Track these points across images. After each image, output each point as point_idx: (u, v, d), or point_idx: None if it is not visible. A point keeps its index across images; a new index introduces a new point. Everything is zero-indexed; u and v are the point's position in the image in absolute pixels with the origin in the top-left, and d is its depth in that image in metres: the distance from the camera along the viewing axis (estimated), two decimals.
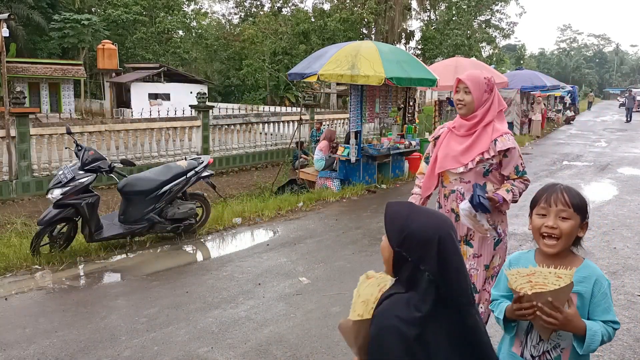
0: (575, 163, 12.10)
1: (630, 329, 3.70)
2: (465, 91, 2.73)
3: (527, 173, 2.84)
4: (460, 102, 2.76)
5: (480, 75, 2.75)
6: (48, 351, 3.37)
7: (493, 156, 2.74)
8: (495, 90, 2.79)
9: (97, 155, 5.36)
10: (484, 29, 31.82)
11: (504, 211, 2.86)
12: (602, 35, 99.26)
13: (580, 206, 1.68)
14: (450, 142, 2.85)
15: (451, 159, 2.80)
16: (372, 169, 9.02)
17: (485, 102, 2.74)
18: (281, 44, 27.37)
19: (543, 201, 1.73)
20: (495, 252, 2.85)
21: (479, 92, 2.72)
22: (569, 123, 25.17)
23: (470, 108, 2.74)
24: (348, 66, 7.83)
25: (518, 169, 2.78)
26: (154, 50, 31.71)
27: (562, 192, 1.70)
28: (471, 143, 2.76)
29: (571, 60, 79.87)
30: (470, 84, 2.71)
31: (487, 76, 2.77)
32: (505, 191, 2.74)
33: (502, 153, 2.74)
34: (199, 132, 11.26)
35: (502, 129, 2.75)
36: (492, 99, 2.76)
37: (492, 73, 12.82)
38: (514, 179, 2.79)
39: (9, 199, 8.36)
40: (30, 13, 27.74)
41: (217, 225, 6.29)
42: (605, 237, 5.99)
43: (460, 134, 2.81)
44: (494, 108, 2.75)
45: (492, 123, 2.75)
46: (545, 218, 1.70)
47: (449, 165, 2.82)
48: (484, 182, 2.78)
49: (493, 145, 2.71)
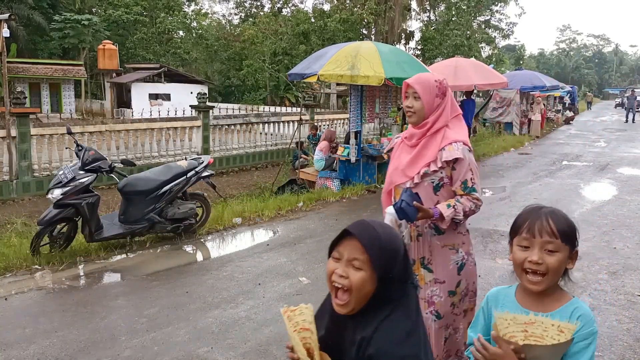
0: (574, 163, 12.10)
1: (630, 329, 3.70)
2: (415, 96, 2.44)
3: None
4: (409, 109, 2.46)
5: (431, 78, 2.47)
6: (48, 351, 3.37)
7: (441, 168, 2.39)
8: (449, 94, 2.50)
9: (97, 155, 5.37)
10: (483, 29, 31.83)
11: (464, 231, 2.54)
12: (601, 35, 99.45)
13: (569, 235, 1.44)
14: (401, 154, 2.56)
15: (399, 172, 2.52)
16: (372, 169, 9.02)
17: (437, 107, 2.44)
18: (281, 45, 27.38)
19: (525, 230, 1.45)
20: (460, 276, 2.53)
21: (430, 97, 2.42)
22: (568, 123, 25.17)
23: (420, 115, 2.44)
24: (348, 66, 7.83)
25: (466, 185, 2.39)
26: (155, 51, 31.73)
27: (548, 219, 1.43)
28: (417, 153, 2.46)
29: (570, 60, 79.92)
30: (420, 89, 2.42)
31: (438, 79, 2.49)
32: (446, 206, 2.37)
33: (450, 164, 2.39)
34: (199, 132, 11.26)
35: (453, 136, 2.41)
36: (444, 104, 2.46)
37: (492, 73, 12.83)
38: (461, 195, 2.42)
39: (9, 198, 8.37)
40: (30, 13, 27.76)
41: (217, 225, 6.29)
42: (605, 237, 5.99)
43: (411, 144, 2.51)
44: (446, 114, 2.45)
45: (442, 130, 2.43)
46: (529, 251, 1.44)
47: (397, 179, 2.54)
48: (437, 200, 2.43)
49: (440, 155, 2.39)
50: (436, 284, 2.51)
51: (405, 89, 2.50)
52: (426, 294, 2.52)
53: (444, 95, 2.46)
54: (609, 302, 4.17)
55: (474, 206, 2.42)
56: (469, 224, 2.28)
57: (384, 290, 1.27)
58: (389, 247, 1.27)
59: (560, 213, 1.48)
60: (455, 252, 2.50)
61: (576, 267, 5.19)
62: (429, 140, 2.44)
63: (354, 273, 1.25)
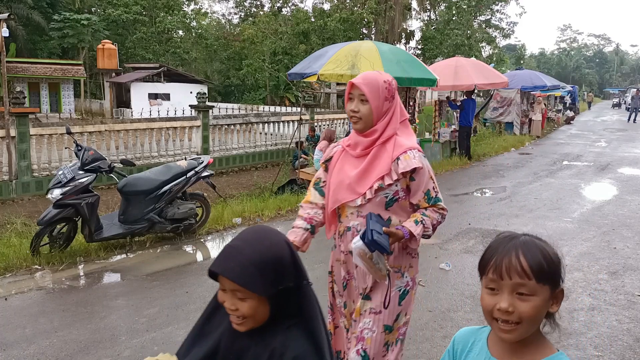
0: (575, 163, 12.10)
1: (630, 329, 3.69)
2: (362, 99, 2.10)
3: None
4: (354, 114, 2.11)
5: (379, 79, 2.12)
6: (48, 351, 3.37)
7: (396, 180, 2.10)
8: (397, 97, 2.19)
9: (97, 155, 5.36)
10: (484, 28, 31.80)
11: (414, 252, 2.24)
12: (602, 35, 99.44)
13: (547, 272, 1.15)
14: (345, 166, 2.18)
15: (346, 188, 2.15)
16: None
17: (386, 112, 2.12)
18: (281, 44, 27.36)
19: (492, 270, 1.16)
20: (401, 307, 2.17)
21: (378, 101, 2.09)
22: (569, 123, 25.17)
23: (368, 121, 2.10)
24: (348, 66, 7.83)
25: (429, 195, 2.14)
26: (154, 50, 31.70)
27: (519, 254, 1.14)
28: (367, 165, 2.12)
29: (571, 60, 79.89)
30: (368, 90, 2.08)
31: (387, 79, 2.14)
32: (414, 222, 2.09)
33: (407, 175, 2.10)
34: (199, 132, 11.25)
35: (406, 143, 2.12)
36: (393, 107, 2.14)
37: (492, 73, 12.82)
38: (425, 207, 2.15)
39: (9, 199, 8.36)
40: (30, 13, 27.74)
41: (217, 225, 6.28)
42: (606, 237, 5.99)
43: (356, 154, 2.16)
44: (395, 119, 2.14)
45: (393, 138, 2.13)
46: (497, 296, 1.15)
47: (344, 197, 2.16)
48: (387, 217, 2.13)
49: (395, 165, 2.09)
50: (371, 315, 2.14)
51: (350, 90, 2.14)
52: (357, 328, 2.17)
53: (393, 97, 2.15)
54: (609, 302, 4.17)
55: (441, 217, 2.19)
56: (469, 224, 2.19)
57: (282, 300, 1.18)
58: (268, 262, 1.15)
59: (536, 244, 1.18)
60: (400, 277, 2.17)
61: (576, 267, 5.19)
62: (379, 150, 2.12)
63: (242, 304, 1.16)
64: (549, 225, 6.50)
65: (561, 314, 1.26)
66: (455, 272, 4.78)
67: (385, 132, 2.12)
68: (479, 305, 4.02)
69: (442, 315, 3.89)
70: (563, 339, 3.52)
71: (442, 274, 4.76)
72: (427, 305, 4.04)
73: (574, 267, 4.94)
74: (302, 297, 1.21)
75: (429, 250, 5.45)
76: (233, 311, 1.18)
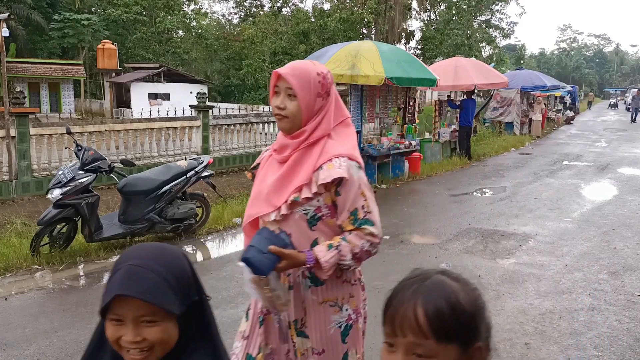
0: (575, 163, 12.09)
1: (630, 329, 3.69)
2: (289, 94, 1.71)
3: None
4: (280, 111, 1.73)
5: (311, 70, 1.74)
6: (48, 351, 3.37)
7: (317, 194, 1.69)
8: (334, 93, 1.81)
9: (97, 155, 5.36)
10: (484, 28, 31.81)
11: (354, 279, 1.80)
12: (602, 35, 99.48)
13: (453, 328, 0.87)
14: (267, 174, 1.83)
15: (263, 199, 1.78)
16: (372, 169, 9.01)
17: (318, 111, 1.74)
18: (281, 44, 27.38)
19: (388, 322, 0.94)
20: (346, 345, 1.80)
21: (309, 97, 1.71)
22: (569, 123, 25.18)
23: (296, 120, 1.72)
24: (348, 66, 7.83)
25: (356, 215, 1.69)
26: (154, 50, 31.70)
27: (417, 304, 0.88)
28: (286, 172, 1.74)
29: (571, 60, 79.90)
30: (297, 84, 1.70)
31: (321, 71, 1.76)
32: (326, 247, 1.67)
33: (331, 188, 1.68)
34: (199, 132, 11.25)
35: (334, 149, 1.71)
36: (328, 105, 1.76)
37: (492, 73, 12.82)
38: (349, 230, 1.70)
39: (9, 199, 8.36)
40: (30, 13, 27.74)
41: (217, 225, 6.28)
42: (606, 237, 5.99)
43: (280, 159, 1.79)
44: (328, 119, 1.76)
45: (322, 140, 1.74)
46: (394, 354, 0.92)
47: (258, 209, 1.80)
48: (315, 238, 1.72)
49: (316, 175, 1.69)
50: (313, 356, 1.79)
51: (275, 82, 1.75)
52: None
53: (327, 94, 1.77)
54: (609, 302, 4.16)
55: (369, 245, 1.69)
56: (469, 224, 1.93)
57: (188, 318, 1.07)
58: (177, 276, 1.05)
59: (445, 289, 0.89)
60: (338, 310, 1.77)
61: (576, 267, 5.19)
62: (302, 155, 1.73)
63: (150, 330, 1.01)
64: (549, 225, 6.50)
65: (562, 314, 1.11)
66: None
67: (314, 134, 1.74)
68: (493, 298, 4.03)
69: None
70: (563, 339, 3.53)
71: None
72: None
73: (574, 267, 4.94)
74: (205, 313, 1.12)
75: (429, 250, 5.46)
76: (137, 343, 1.00)
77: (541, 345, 3.45)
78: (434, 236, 5.95)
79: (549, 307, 4.02)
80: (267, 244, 1.64)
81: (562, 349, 3.40)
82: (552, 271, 4.84)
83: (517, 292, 4.32)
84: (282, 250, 1.64)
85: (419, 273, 0.95)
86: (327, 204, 1.72)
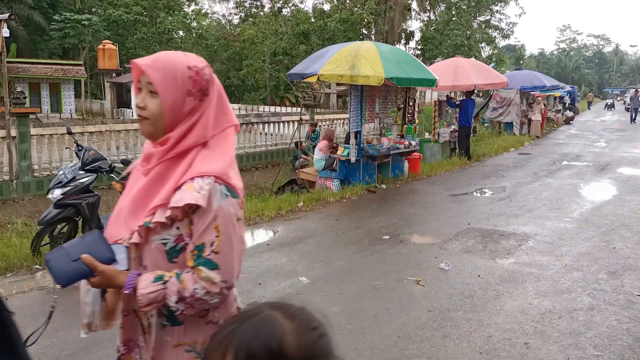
0: (574, 163, 12.11)
1: (630, 329, 3.70)
2: (150, 90, 1.39)
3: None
4: (140, 110, 1.43)
5: (179, 62, 1.41)
6: (48, 351, 3.38)
7: (174, 220, 1.36)
8: (216, 93, 1.46)
9: (97, 155, 5.37)
10: (483, 29, 31.81)
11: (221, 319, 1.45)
12: (601, 35, 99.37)
13: None
14: (133, 188, 1.50)
15: (122, 220, 1.49)
16: (372, 169, 9.02)
17: (190, 113, 1.41)
18: (281, 45, 27.38)
19: None
20: None
21: (175, 95, 1.39)
22: (568, 123, 25.19)
23: (158, 124, 1.41)
24: (348, 66, 7.84)
25: (201, 251, 1.35)
26: (155, 51, 31.37)
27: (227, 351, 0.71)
28: (146, 188, 1.44)
29: (571, 60, 79.94)
30: (158, 78, 1.38)
31: (195, 65, 1.42)
32: (154, 278, 1.35)
33: (189, 214, 1.36)
34: None
35: (201, 166, 1.38)
36: (204, 108, 1.43)
37: (492, 73, 12.84)
38: (191, 267, 1.37)
39: (10, 198, 8.37)
40: (30, 13, 27.76)
41: None
42: (605, 237, 6.00)
43: (144, 171, 1.47)
44: (204, 124, 1.41)
45: (193, 151, 1.41)
46: None
47: (115, 231, 1.50)
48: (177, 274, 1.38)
49: (174, 197, 1.37)
50: None
51: (137, 75, 1.43)
52: None
53: (203, 93, 1.43)
54: (609, 302, 4.17)
55: (204, 293, 1.34)
56: (469, 224, 1.83)
57: None
58: None
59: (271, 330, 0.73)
60: (195, 357, 1.43)
61: (575, 267, 5.21)
62: (167, 169, 1.41)
63: None
64: (549, 225, 6.51)
65: (562, 314, 1.03)
66: (455, 272, 4.79)
67: (183, 142, 1.40)
68: (478, 305, 4.04)
69: (441, 315, 3.89)
70: (562, 339, 3.54)
71: (442, 273, 4.77)
72: (427, 305, 4.05)
73: (574, 267, 4.95)
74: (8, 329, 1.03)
75: (429, 250, 5.47)
76: None
77: (541, 345, 3.46)
78: (433, 236, 5.97)
79: (549, 307, 4.03)
80: (84, 251, 1.38)
81: (561, 349, 3.41)
82: (551, 271, 4.85)
83: (517, 292, 4.33)
84: (94, 262, 1.38)
85: (249, 309, 0.78)
86: (189, 232, 1.38)
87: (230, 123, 1.49)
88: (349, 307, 4.01)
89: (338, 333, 3.59)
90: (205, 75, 1.44)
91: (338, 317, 3.82)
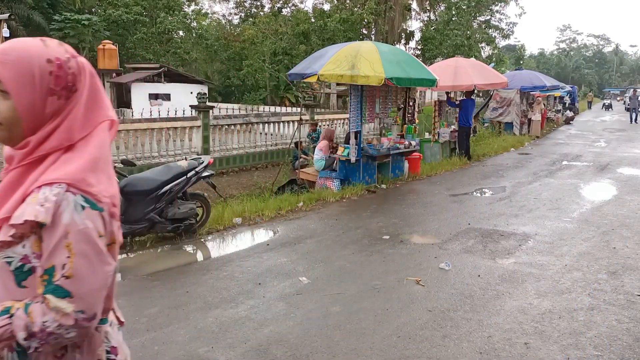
0: (574, 163, 12.11)
1: (630, 329, 3.70)
2: (1, 89, 1.17)
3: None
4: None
5: (36, 55, 1.18)
6: None
7: (20, 237, 1.16)
8: (87, 87, 1.25)
9: None
10: (483, 29, 31.82)
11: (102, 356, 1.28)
12: (601, 35, 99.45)
13: None
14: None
15: None
16: (372, 169, 9.03)
17: (54, 115, 1.21)
18: (281, 45, 27.39)
19: None
20: None
21: (33, 95, 1.18)
22: (568, 123, 25.20)
23: (14, 129, 1.20)
24: (348, 66, 7.84)
25: (51, 276, 1.14)
26: (155, 51, 31.71)
27: None
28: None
29: (571, 60, 79.99)
30: (9, 75, 1.16)
31: (56, 57, 1.20)
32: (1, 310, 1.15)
33: (36, 230, 1.15)
34: (199, 132, 11.27)
35: (56, 172, 1.17)
36: (71, 107, 1.22)
37: (492, 73, 12.84)
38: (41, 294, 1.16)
39: None
40: (30, 13, 27.77)
41: (217, 225, 6.29)
42: (605, 237, 6.00)
43: (2, 174, 1.30)
44: (69, 126, 1.21)
45: (54, 155, 1.20)
46: None
47: None
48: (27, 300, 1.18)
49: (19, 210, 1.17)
50: None
51: None
52: None
53: (69, 90, 1.22)
54: (609, 302, 4.17)
55: (56, 326, 1.14)
56: (469, 224, 1.85)
57: None
58: None
59: None
60: None
61: (575, 267, 5.22)
62: (22, 175, 1.22)
63: None
64: (549, 225, 6.51)
65: (562, 314, 1.02)
66: (455, 272, 4.79)
67: (43, 146, 1.20)
68: (478, 305, 4.04)
69: (441, 314, 3.90)
70: (562, 339, 3.54)
71: (442, 273, 4.77)
72: (427, 305, 4.06)
73: (574, 267, 4.95)
74: None
75: (429, 250, 5.47)
76: None
77: (540, 344, 3.46)
78: (433, 236, 5.97)
79: (549, 307, 4.04)
80: None
81: (561, 349, 3.41)
82: (551, 271, 4.85)
83: (517, 292, 4.33)
84: None
85: None
86: (37, 252, 1.16)
87: (105, 118, 1.27)
88: (349, 307, 4.01)
89: (338, 333, 3.59)
90: (70, 68, 1.21)
91: (338, 317, 3.83)
